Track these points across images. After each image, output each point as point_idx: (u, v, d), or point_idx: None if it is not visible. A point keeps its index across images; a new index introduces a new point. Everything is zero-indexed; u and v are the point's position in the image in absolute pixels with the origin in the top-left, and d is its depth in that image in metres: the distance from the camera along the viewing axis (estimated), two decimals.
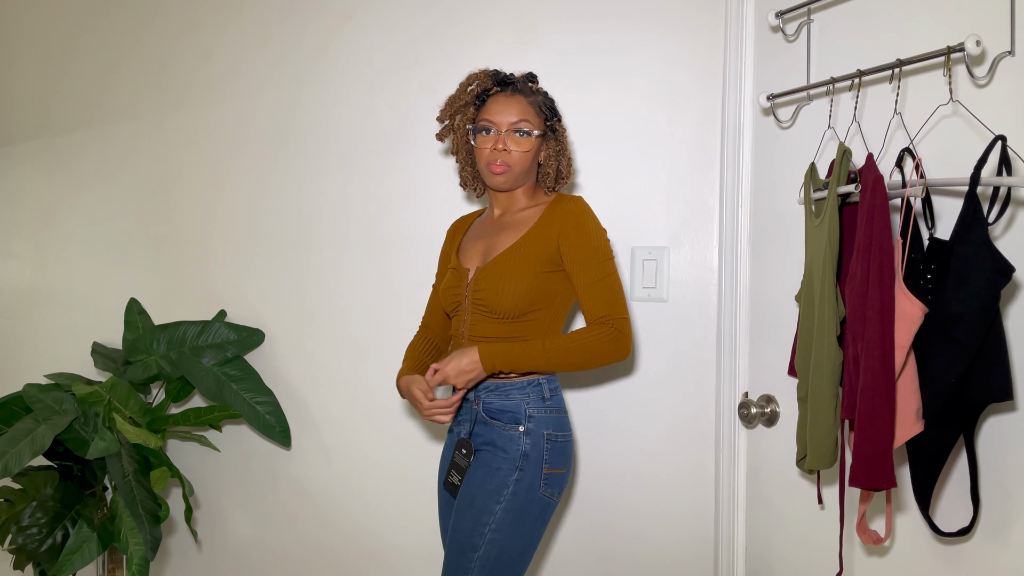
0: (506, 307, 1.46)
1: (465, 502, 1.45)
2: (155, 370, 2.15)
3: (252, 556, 2.29)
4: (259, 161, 2.23)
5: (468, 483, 1.47)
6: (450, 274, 1.58)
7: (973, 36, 1.07)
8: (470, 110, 1.53)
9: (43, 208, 2.65)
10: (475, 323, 1.50)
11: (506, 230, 1.54)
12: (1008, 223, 1.14)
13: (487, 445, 1.47)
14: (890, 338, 1.10)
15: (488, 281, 1.48)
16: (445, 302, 1.58)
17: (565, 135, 1.57)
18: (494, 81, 1.52)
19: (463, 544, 1.42)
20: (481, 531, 1.41)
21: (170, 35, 2.37)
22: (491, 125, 1.49)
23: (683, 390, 1.80)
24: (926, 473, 1.17)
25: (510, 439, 1.45)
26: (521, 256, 1.47)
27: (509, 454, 1.44)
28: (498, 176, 1.49)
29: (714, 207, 1.76)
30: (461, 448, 1.50)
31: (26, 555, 1.91)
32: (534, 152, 1.51)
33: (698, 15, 1.76)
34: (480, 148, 1.50)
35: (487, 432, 1.47)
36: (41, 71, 2.66)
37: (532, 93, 1.52)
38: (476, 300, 1.49)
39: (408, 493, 2.06)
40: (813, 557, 1.47)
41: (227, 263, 2.28)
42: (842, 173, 1.22)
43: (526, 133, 1.48)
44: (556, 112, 1.56)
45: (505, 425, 1.46)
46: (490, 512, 1.41)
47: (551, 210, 1.51)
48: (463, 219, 1.72)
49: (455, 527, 1.45)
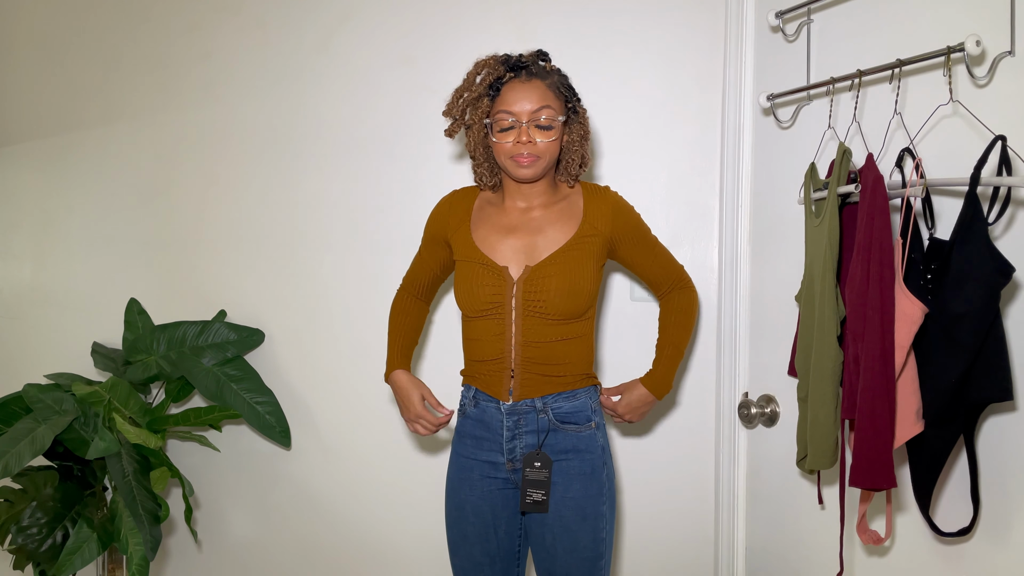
0: (570, 307, 1.40)
1: (574, 517, 1.40)
2: (155, 370, 2.15)
3: (252, 556, 2.29)
4: (259, 161, 2.23)
5: (567, 496, 1.40)
6: (477, 272, 1.43)
7: (973, 36, 1.07)
8: (484, 102, 1.40)
9: (43, 208, 2.65)
10: (529, 327, 1.40)
11: (549, 226, 1.44)
12: (1008, 223, 1.14)
13: (568, 452, 1.42)
14: (890, 338, 1.10)
15: (549, 280, 1.39)
16: (472, 303, 1.43)
17: (586, 116, 1.46)
18: (506, 67, 1.40)
19: (590, 557, 1.41)
20: (601, 537, 1.42)
21: (169, 35, 2.37)
22: (511, 117, 1.37)
23: (683, 390, 1.80)
24: (926, 473, 1.17)
25: (590, 439, 1.43)
26: (582, 252, 1.42)
27: (593, 453, 1.43)
28: (526, 169, 1.38)
29: (714, 207, 1.76)
30: (534, 463, 1.40)
31: (26, 555, 1.91)
32: (560, 139, 1.41)
33: (698, 15, 1.76)
34: (500, 143, 1.39)
35: (563, 439, 1.42)
36: (41, 71, 2.66)
37: (548, 74, 1.41)
38: (532, 302, 1.39)
39: (408, 493, 2.06)
40: (813, 557, 1.47)
41: (227, 263, 2.28)
42: (842, 173, 1.22)
43: (550, 121, 1.38)
44: (574, 91, 1.44)
45: (581, 427, 1.43)
46: (601, 516, 1.42)
47: (593, 204, 1.46)
48: (458, 198, 1.55)
49: (571, 546, 1.40)
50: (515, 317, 1.41)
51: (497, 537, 1.46)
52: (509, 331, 1.41)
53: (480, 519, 1.45)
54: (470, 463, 1.46)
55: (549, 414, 1.42)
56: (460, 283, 1.46)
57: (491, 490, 1.45)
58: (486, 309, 1.42)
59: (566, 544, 1.40)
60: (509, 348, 1.41)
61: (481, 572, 1.47)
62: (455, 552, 1.49)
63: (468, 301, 1.44)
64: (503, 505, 1.45)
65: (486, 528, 1.45)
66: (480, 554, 1.46)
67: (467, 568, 1.48)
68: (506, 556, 1.47)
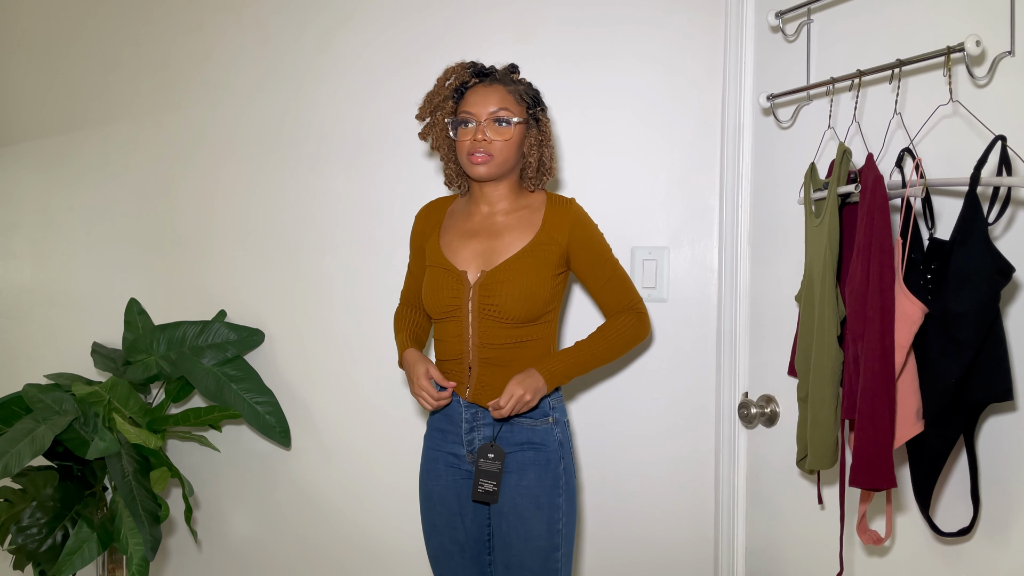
0: (523, 312, 1.44)
1: (528, 506, 1.43)
2: (155, 370, 2.15)
3: (252, 556, 2.29)
4: (259, 161, 2.23)
5: (521, 486, 1.44)
6: (440, 276, 1.49)
7: (973, 36, 1.07)
8: (449, 104, 1.50)
9: (43, 208, 2.65)
10: (485, 330, 1.45)
11: (508, 231, 1.49)
12: (1008, 223, 1.14)
13: (524, 444, 1.46)
14: (890, 338, 1.10)
15: (503, 286, 1.43)
16: (435, 306, 1.49)
17: (549, 126, 1.52)
18: (472, 73, 1.48)
19: (545, 548, 1.44)
20: (556, 528, 1.45)
21: (170, 35, 2.37)
22: (470, 117, 1.44)
23: (683, 390, 1.80)
24: (926, 473, 1.17)
25: (546, 432, 1.48)
26: (536, 260, 1.46)
27: (550, 447, 1.47)
28: (479, 167, 1.43)
29: (714, 207, 1.76)
30: (487, 454, 1.45)
31: (26, 555, 1.91)
32: (516, 141, 1.46)
33: (698, 15, 1.76)
34: (460, 141, 1.46)
35: (518, 432, 1.46)
36: (41, 71, 2.66)
37: (513, 83, 1.48)
38: (487, 305, 1.44)
39: (408, 493, 2.05)
40: (813, 557, 1.47)
41: (227, 263, 2.28)
42: (842, 173, 1.22)
43: (505, 121, 1.43)
44: (540, 102, 1.50)
45: (537, 420, 1.47)
46: (557, 507, 1.45)
47: (554, 214, 1.50)
48: (433, 207, 1.62)
49: (525, 535, 1.43)
50: (471, 320, 1.46)
51: (464, 525, 1.50)
52: (467, 333, 1.47)
53: (446, 508, 1.51)
54: (436, 454, 1.53)
55: None
56: (425, 287, 1.52)
57: (455, 479, 1.51)
58: (447, 312, 1.48)
59: (521, 533, 1.44)
60: (467, 349, 1.47)
61: (451, 560, 1.52)
62: (427, 541, 1.56)
63: (431, 304, 1.50)
64: (467, 495, 1.50)
65: (452, 516, 1.51)
66: (449, 542, 1.51)
67: (439, 556, 1.54)
68: (475, 543, 1.51)
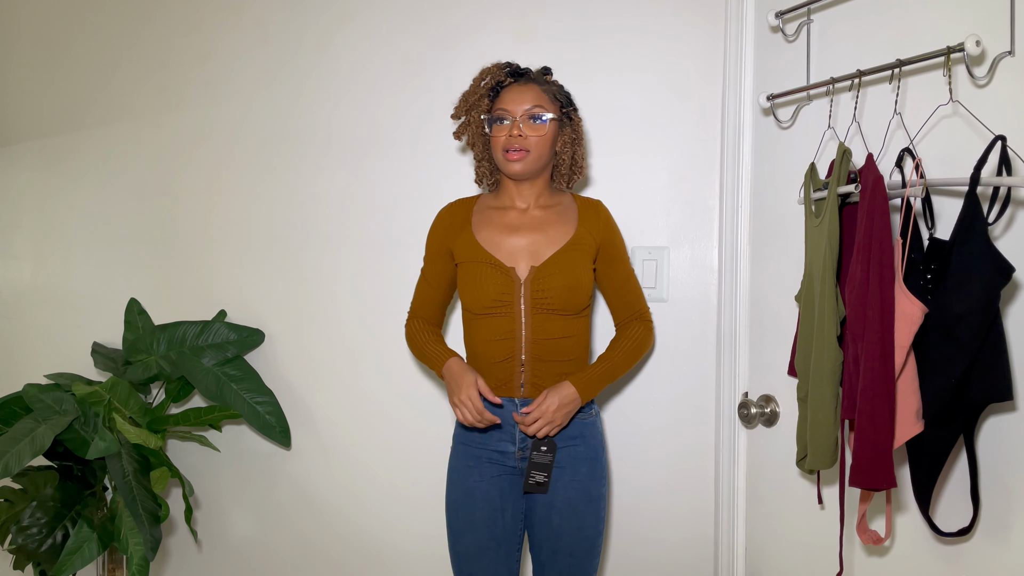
0: (573, 302, 1.49)
1: (581, 498, 1.50)
2: (155, 370, 2.15)
3: (252, 556, 2.29)
4: (259, 161, 2.23)
5: (575, 481, 1.50)
6: (485, 271, 1.50)
7: (973, 36, 1.07)
8: (484, 102, 1.55)
9: (43, 208, 2.65)
10: (538, 324, 1.48)
11: (550, 226, 1.53)
12: (1008, 223, 1.14)
13: (575, 438, 1.52)
14: (890, 338, 1.10)
15: (554, 278, 1.48)
16: (479, 300, 1.50)
17: (581, 125, 1.59)
18: (507, 73, 1.54)
19: (591, 536, 1.52)
20: (601, 516, 1.54)
21: (170, 35, 2.37)
22: (506, 114, 1.50)
23: (683, 390, 1.80)
24: (926, 473, 1.17)
25: (591, 426, 1.55)
26: (581, 252, 1.52)
27: (596, 439, 1.55)
28: (515, 163, 1.50)
29: (714, 207, 1.76)
30: (541, 447, 1.49)
31: (26, 555, 1.91)
32: (550, 138, 1.52)
33: (698, 15, 1.76)
34: (496, 137, 1.51)
35: (570, 426, 1.52)
36: (41, 71, 2.66)
37: (546, 83, 1.55)
38: (541, 298, 1.48)
39: (408, 492, 2.06)
40: (813, 557, 1.47)
41: (227, 263, 2.28)
42: (842, 173, 1.22)
43: (540, 118, 1.49)
44: (572, 102, 1.57)
45: (583, 415, 1.54)
46: (603, 498, 1.54)
47: (587, 212, 1.57)
48: (456, 206, 1.62)
49: (577, 526, 1.50)
50: (524, 314, 1.49)
51: (503, 521, 1.52)
52: (519, 328, 1.49)
53: (489, 503, 1.51)
54: (479, 451, 1.53)
55: None
56: (467, 282, 1.52)
57: (499, 475, 1.53)
58: (493, 307, 1.50)
59: (573, 524, 1.50)
60: (519, 346, 1.50)
61: (486, 555, 1.52)
62: (460, 537, 1.53)
63: (474, 298, 1.51)
64: (509, 490, 1.53)
65: (494, 512, 1.52)
66: (487, 538, 1.52)
67: (471, 553, 1.52)
68: (509, 539, 1.54)
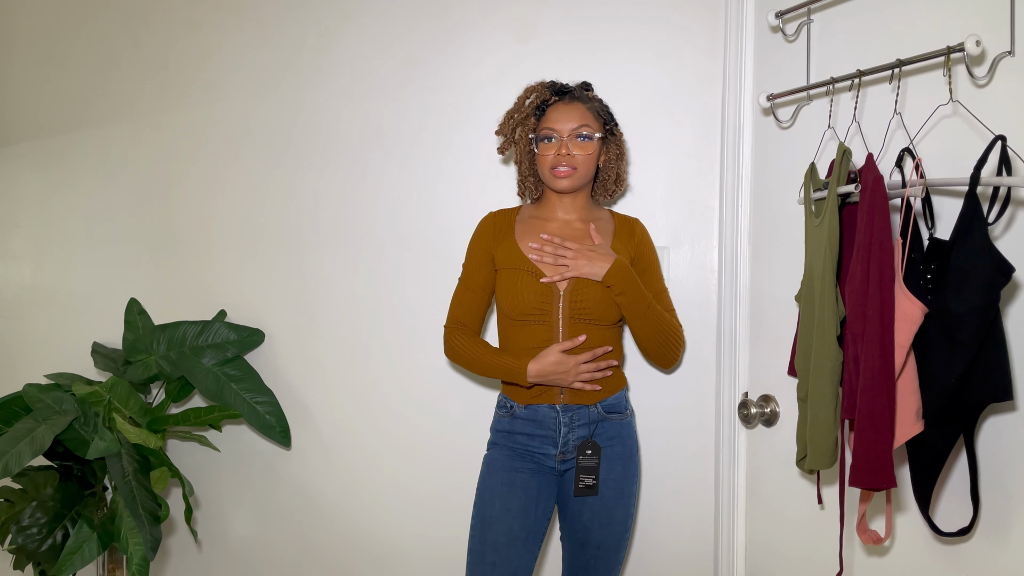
0: (610, 313, 1.55)
1: (613, 497, 1.58)
2: (155, 370, 2.15)
3: (252, 556, 2.29)
4: (259, 161, 2.23)
5: (609, 479, 1.58)
6: (525, 279, 1.56)
7: (973, 36, 1.07)
8: (531, 121, 1.59)
9: (43, 208, 2.65)
10: (576, 333, 1.54)
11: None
12: (1008, 223, 1.14)
13: (613, 439, 1.59)
14: (890, 338, 1.09)
15: (592, 289, 1.54)
16: (518, 306, 1.55)
17: (623, 140, 1.66)
18: (552, 91, 1.59)
19: (621, 531, 1.60)
20: (630, 513, 1.62)
21: (170, 35, 2.37)
22: (553, 133, 1.56)
23: (683, 390, 1.80)
24: (926, 473, 1.17)
25: (627, 427, 1.62)
26: None
27: (632, 439, 1.63)
28: (563, 180, 1.56)
29: (714, 207, 1.76)
30: (586, 451, 1.56)
31: (26, 555, 1.91)
32: (596, 155, 1.59)
33: (698, 15, 1.76)
34: (543, 155, 1.57)
35: (609, 428, 1.59)
36: (41, 71, 2.66)
37: (589, 100, 1.60)
38: (579, 308, 1.54)
39: (408, 492, 2.06)
40: (813, 557, 1.47)
41: (227, 263, 2.28)
42: (842, 173, 1.22)
43: (587, 137, 1.56)
44: (613, 118, 1.63)
45: (621, 416, 1.61)
46: (633, 495, 1.62)
47: (624, 228, 1.64)
48: (500, 215, 1.68)
49: (608, 521, 1.57)
50: (563, 323, 1.55)
51: (536, 513, 1.57)
52: (557, 338, 1.55)
53: (527, 493, 1.56)
54: (521, 450, 1.59)
55: (598, 407, 1.58)
56: (507, 289, 1.58)
57: (539, 471, 1.59)
58: (531, 314, 1.56)
59: (603, 519, 1.57)
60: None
61: (513, 545, 1.54)
62: (490, 526, 1.56)
63: (512, 305, 1.56)
64: (546, 486, 1.59)
65: (530, 502, 1.56)
66: (519, 528, 1.55)
67: (500, 542, 1.54)
68: (537, 532, 1.58)
